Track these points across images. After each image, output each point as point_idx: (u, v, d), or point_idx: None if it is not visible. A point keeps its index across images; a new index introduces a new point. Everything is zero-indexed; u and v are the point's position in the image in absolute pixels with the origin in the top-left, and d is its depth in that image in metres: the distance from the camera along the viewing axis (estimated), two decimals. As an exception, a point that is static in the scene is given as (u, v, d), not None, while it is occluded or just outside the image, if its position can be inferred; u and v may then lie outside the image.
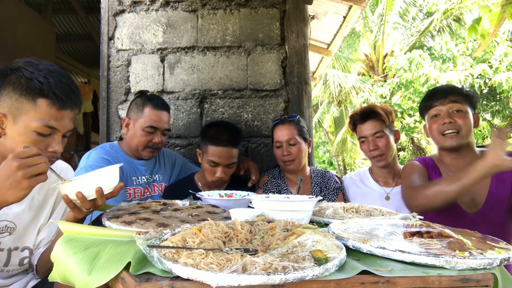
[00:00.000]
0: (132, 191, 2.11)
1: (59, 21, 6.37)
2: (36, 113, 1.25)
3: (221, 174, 2.04)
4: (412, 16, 12.61)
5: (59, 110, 1.28)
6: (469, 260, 0.89)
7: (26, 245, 1.41)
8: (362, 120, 2.18)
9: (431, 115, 1.91)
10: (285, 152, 2.17)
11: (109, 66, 2.80)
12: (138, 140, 2.07)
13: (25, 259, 1.41)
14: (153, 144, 2.08)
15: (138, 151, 2.10)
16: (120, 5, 2.82)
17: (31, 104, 1.24)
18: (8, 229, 1.36)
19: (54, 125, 1.27)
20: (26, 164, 1.10)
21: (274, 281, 0.75)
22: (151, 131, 2.06)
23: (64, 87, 1.29)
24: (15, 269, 1.41)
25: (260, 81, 2.78)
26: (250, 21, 2.81)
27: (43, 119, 1.25)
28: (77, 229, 1.10)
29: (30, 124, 1.24)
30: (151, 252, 0.89)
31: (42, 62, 1.31)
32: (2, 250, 1.35)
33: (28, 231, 1.42)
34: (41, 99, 1.25)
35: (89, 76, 7.28)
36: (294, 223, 1.14)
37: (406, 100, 10.61)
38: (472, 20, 3.33)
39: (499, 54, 9.57)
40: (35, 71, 1.26)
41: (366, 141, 2.16)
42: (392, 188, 2.18)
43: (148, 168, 2.20)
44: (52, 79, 1.26)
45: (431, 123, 1.91)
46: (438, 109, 1.87)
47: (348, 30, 4.70)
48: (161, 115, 2.10)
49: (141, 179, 2.16)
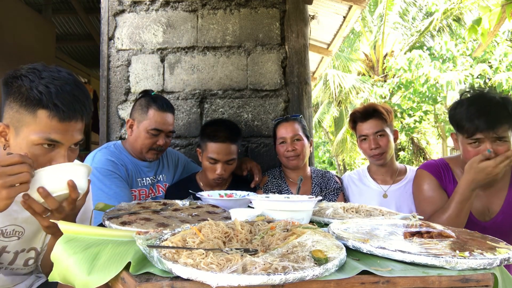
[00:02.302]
0: (137, 193, 2.09)
1: (59, 21, 6.37)
2: (36, 126, 1.15)
3: (221, 171, 2.05)
4: (412, 16, 12.61)
5: (61, 122, 1.16)
6: (469, 260, 0.89)
7: (33, 246, 1.38)
8: (363, 118, 2.17)
9: (470, 139, 1.70)
10: (290, 148, 2.18)
11: (109, 66, 2.80)
12: (142, 142, 2.04)
13: (30, 260, 1.39)
14: (158, 147, 2.06)
15: (142, 153, 2.08)
16: (120, 5, 2.82)
17: (31, 115, 1.14)
18: (16, 233, 1.31)
19: (56, 138, 1.16)
20: (6, 173, 1.02)
21: (274, 281, 0.75)
22: (156, 134, 2.04)
23: (66, 97, 1.17)
24: (20, 268, 1.39)
25: (260, 81, 2.78)
26: (250, 21, 2.81)
27: (43, 132, 1.15)
28: (77, 229, 1.10)
29: (30, 138, 1.15)
30: (151, 252, 0.89)
31: (48, 68, 1.20)
32: (8, 253, 1.33)
33: (38, 234, 1.38)
34: (41, 110, 1.14)
35: (89, 76, 7.28)
36: (294, 223, 1.14)
37: (406, 100, 10.62)
38: (472, 21, 3.33)
39: (499, 54, 9.58)
40: (35, 79, 1.15)
41: (367, 139, 2.16)
42: (389, 186, 2.19)
43: (152, 169, 2.19)
44: (53, 88, 1.15)
45: (469, 149, 1.71)
46: (481, 140, 1.67)
47: (348, 30, 4.70)
48: (166, 117, 2.07)
49: (146, 180, 2.14)
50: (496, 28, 3.51)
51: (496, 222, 1.78)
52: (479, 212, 1.81)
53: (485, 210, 1.81)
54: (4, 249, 1.31)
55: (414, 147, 14.02)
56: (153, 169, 2.19)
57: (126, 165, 2.06)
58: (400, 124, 11.42)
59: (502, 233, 1.73)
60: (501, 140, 1.65)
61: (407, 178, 2.19)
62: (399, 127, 11.39)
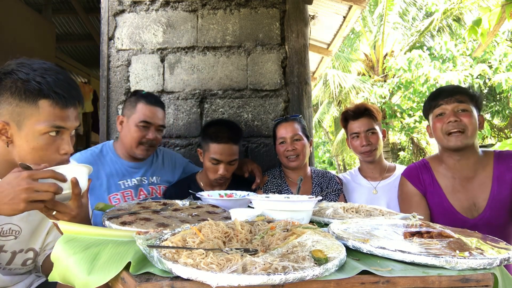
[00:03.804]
0: (120, 196, 2.07)
1: (59, 21, 6.37)
2: (40, 116, 1.18)
3: (223, 172, 2.05)
4: (412, 16, 12.62)
5: (63, 109, 1.22)
6: (469, 260, 0.89)
7: (32, 246, 1.38)
8: (355, 117, 2.25)
9: (436, 114, 1.88)
10: (290, 148, 2.19)
11: (109, 66, 2.80)
12: (132, 137, 2.04)
13: (28, 260, 1.39)
14: (147, 141, 2.05)
15: (132, 149, 2.06)
16: (120, 5, 2.82)
17: (32, 107, 1.18)
18: (13, 232, 1.32)
19: (60, 124, 1.21)
20: (34, 188, 1.06)
21: (274, 281, 0.75)
22: (145, 126, 2.03)
23: (64, 85, 1.22)
24: (18, 268, 1.39)
25: (260, 81, 2.78)
26: (250, 21, 2.81)
27: (48, 121, 1.19)
28: (77, 229, 1.10)
29: (36, 128, 1.18)
30: (151, 252, 0.89)
31: (34, 61, 1.24)
32: (6, 252, 1.33)
33: (36, 234, 1.38)
34: (43, 100, 1.18)
35: (89, 76, 7.28)
36: (294, 223, 1.14)
37: (406, 100, 10.61)
38: (472, 21, 3.33)
39: (499, 54, 9.58)
40: (30, 71, 1.19)
41: (359, 137, 2.23)
42: (379, 182, 2.28)
43: (139, 170, 2.15)
44: (49, 78, 1.20)
45: (436, 122, 1.88)
46: (444, 107, 1.84)
47: (348, 30, 4.70)
48: (155, 110, 2.07)
49: (131, 181, 2.11)
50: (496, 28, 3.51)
51: (485, 217, 1.79)
52: (466, 209, 1.83)
53: (471, 206, 1.82)
54: (1, 248, 1.31)
55: (414, 147, 14.04)
56: (140, 170, 2.16)
57: (104, 168, 2.06)
58: (400, 124, 11.43)
59: (492, 227, 1.75)
60: (462, 108, 1.80)
61: (395, 175, 2.26)
62: (399, 127, 11.39)
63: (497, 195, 1.79)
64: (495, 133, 13.59)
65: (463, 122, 1.79)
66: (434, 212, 1.90)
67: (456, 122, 1.79)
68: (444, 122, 1.83)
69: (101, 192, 2.03)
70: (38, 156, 1.21)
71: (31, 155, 1.20)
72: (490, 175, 1.83)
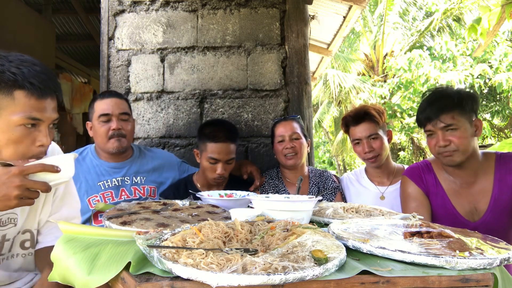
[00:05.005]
0: (100, 197, 2.06)
1: (59, 21, 6.38)
2: (15, 107, 1.17)
3: (221, 171, 2.05)
4: (412, 16, 12.62)
5: (39, 100, 1.20)
6: (469, 260, 0.89)
7: (27, 228, 1.39)
8: (355, 122, 2.14)
9: (426, 131, 1.79)
10: (288, 145, 2.19)
11: (109, 66, 2.80)
12: (99, 134, 2.05)
13: (26, 242, 1.40)
14: (114, 131, 2.04)
15: (105, 146, 2.06)
16: (120, 5, 2.82)
17: (8, 98, 1.16)
18: (11, 220, 1.33)
19: (37, 116, 1.19)
20: (26, 186, 1.08)
21: (274, 281, 0.75)
22: (105, 120, 2.05)
23: (40, 76, 1.20)
24: (19, 254, 1.39)
25: (260, 81, 2.78)
26: (250, 21, 2.81)
27: (24, 112, 1.17)
28: (77, 229, 1.10)
29: (12, 119, 1.17)
30: (151, 252, 0.89)
31: (11, 53, 1.22)
32: (8, 240, 1.34)
33: (30, 215, 1.39)
34: (18, 91, 1.17)
35: (89, 76, 7.28)
36: (294, 223, 1.14)
37: (406, 100, 10.60)
38: (472, 20, 3.34)
39: (499, 54, 9.57)
40: (5, 63, 1.18)
41: (361, 143, 2.13)
42: (386, 187, 2.18)
43: (121, 170, 2.13)
44: (25, 69, 1.18)
45: (428, 139, 1.80)
46: (431, 129, 1.75)
47: (348, 30, 4.70)
48: (109, 101, 2.07)
49: (112, 181, 2.10)
50: (496, 28, 3.51)
51: (486, 221, 1.77)
52: (467, 212, 1.81)
53: (473, 210, 1.80)
54: (4, 238, 1.33)
55: (414, 147, 14.03)
56: (121, 170, 2.13)
57: (83, 170, 2.07)
58: (400, 124, 11.42)
59: (492, 231, 1.72)
60: (450, 128, 1.70)
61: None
62: (399, 127, 11.39)
63: (498, 199, 1.77)
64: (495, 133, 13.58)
65: (453, 143, 1.69)
66: (436, 213, 1.89)
67: (446, 146, 1.71)
68: (433, 144, 1.76)
69: (80, 195, 1.93)
70: (14, 148, 1.20)
71: (7, 147, 1.19)
72: (491, 179, 1.79)
